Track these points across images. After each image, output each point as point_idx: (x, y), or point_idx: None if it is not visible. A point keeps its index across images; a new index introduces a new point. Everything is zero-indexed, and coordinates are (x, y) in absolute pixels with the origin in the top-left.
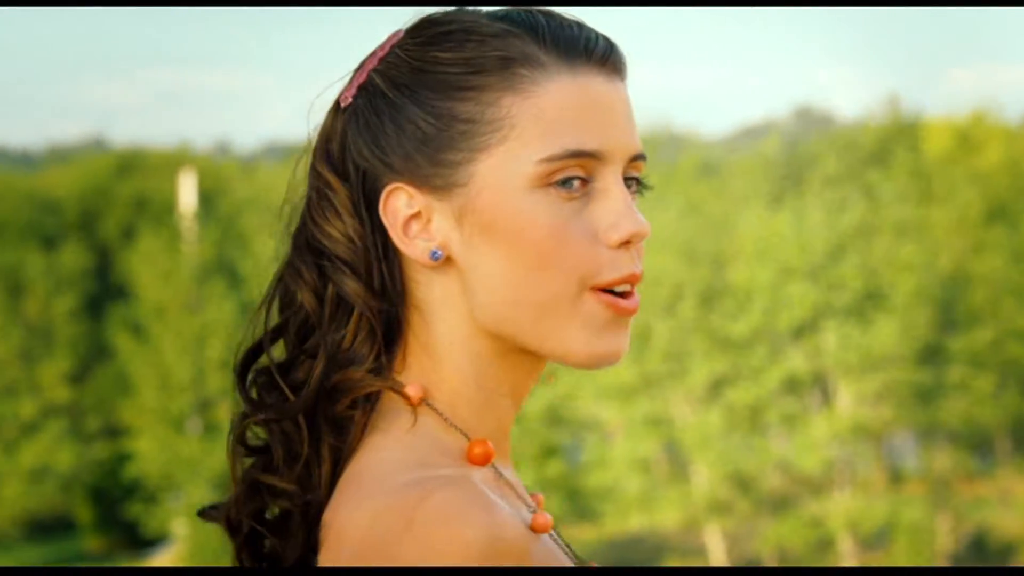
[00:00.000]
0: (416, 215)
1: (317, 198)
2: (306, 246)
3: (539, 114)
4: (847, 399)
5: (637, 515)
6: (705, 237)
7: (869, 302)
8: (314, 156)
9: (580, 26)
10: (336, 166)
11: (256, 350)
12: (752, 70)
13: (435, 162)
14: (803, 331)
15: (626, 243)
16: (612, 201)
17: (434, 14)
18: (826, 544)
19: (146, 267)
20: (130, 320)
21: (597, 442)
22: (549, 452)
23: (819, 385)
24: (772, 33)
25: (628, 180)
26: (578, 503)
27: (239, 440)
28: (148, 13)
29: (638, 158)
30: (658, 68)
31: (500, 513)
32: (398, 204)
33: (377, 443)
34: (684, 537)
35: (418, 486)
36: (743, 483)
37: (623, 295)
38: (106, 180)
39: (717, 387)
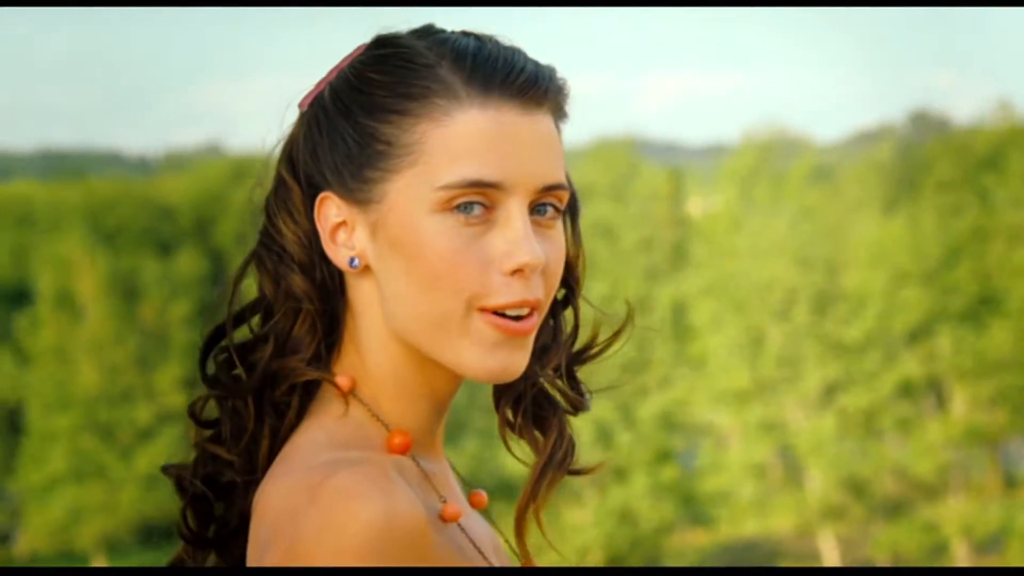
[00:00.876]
0: (343, 224)
1: (275, 196)
2: (268, 238)
3: (447, 143)
4: (962, 404)
5: (751, 520)
6: (818, 242)
7: (983, 307)
8: (280, 156)
9: (511, 56)
10: (294, 168)
11: (223, 329)
12: (866, 74)
13: (357, 177)
14: (917, 336)
15: (518, 271)
16: (511, 230)
17: (386, 34)
18: (940, 549)
19: None
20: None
21: (711, 447)
22: (664, 457)
23: (933, 390)
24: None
25: (543, 207)
26: (692, 508)
27: (192, 413)
28: (266, 18)
29: (554, 188)
30: (772, 73)
31: (400, 496)
32: (328, 212)
33: (307, 427)
34: (798, 542)
35: (328, 466)
36: (857, 488)
37: (517, 318)
38: (222, 186)
39: (831, 392)
